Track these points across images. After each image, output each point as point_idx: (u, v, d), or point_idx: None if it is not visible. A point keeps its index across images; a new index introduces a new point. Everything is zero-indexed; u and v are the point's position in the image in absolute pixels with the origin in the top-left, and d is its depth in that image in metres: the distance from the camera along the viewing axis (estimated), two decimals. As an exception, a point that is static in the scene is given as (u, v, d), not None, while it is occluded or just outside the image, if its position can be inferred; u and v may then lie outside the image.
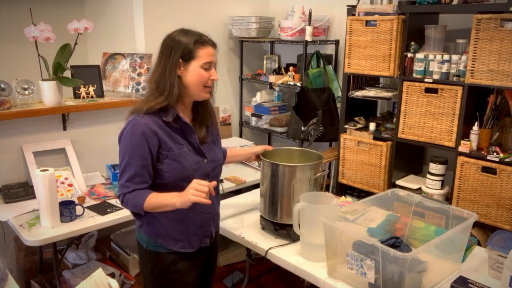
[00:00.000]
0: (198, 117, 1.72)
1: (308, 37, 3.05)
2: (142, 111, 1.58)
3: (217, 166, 1.77)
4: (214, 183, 1.58)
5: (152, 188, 1.64)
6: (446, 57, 2.33)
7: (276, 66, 3.52)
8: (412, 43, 2.47)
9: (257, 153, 2.02)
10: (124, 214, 2.34)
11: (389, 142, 2.61)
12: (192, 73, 1.59)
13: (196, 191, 1.52)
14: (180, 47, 1.58)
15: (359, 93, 2.75)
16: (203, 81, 1.61)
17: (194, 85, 1.61)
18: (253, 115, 3.51)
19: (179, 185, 1.61)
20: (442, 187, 2.49)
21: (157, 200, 1.57)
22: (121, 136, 1.61)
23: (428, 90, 2.41)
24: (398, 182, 2.64)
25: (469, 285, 1.55)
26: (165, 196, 1.57)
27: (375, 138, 2.68)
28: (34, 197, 2.39)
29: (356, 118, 2.89)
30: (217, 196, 1.79)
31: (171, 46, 1.60)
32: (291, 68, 3.27)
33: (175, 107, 1.61)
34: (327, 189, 3.02)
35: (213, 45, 1.64)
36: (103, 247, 2.87)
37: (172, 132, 1.62)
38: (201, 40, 1.60)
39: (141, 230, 1.72)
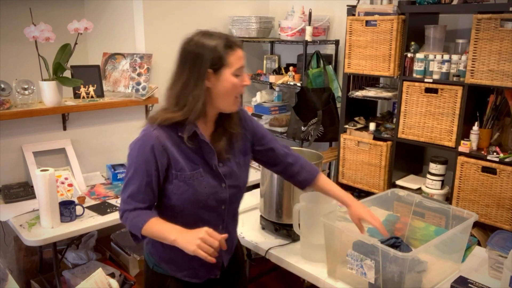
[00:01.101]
0: (220, 128, 1.49)
1: (308, 37, 3.05)
2: (156, 122, 1.39)
3: (238, 192, 1.54)
4: (225, 236, 1.34)
5: (158, 209, 1.48)
6: (446, 57, 2.33)
7: (276, 66, 3.52)
8: (412, 43, 2.47)
9: (355, 217, 1.64)
10: (124, 214, 2.35)
11: (389, 142, 2.61)
12: (224, 82, 1.37)
13: (205, 244, 1.30)
14: (208, 54, 1.34)
15: (359, 93, 2.75)
16: (236, 90, 1.40)
17: (226, 96, 1.39)
18: (253, 115, 3.51)
19: (188, 210, 1.44)
20: (442, 187, 2.49)
21: (158, 229, 1.38)
22: (131, 146, 1.43)
23: (428, 90, 2.41)
24: (398, 182, 2.64)
25: (469, 285, 1.55)
26: (167, 228, 1.38)
27: (375, 138, 2.68)
28: (34, 197, 2.39)
29: (356, 118, 2.89)
30: (234, 220, 1.62)
31: (195, 53, 1.36)
32: (291, 68, 3.27)
33: (195, 123, 1.40)
34: (327, 189, 3.02)
35: (242, 46, 1.41)
36: (103, 247, 2.87)
37: (188, 150, 1.42)
38: (230, 42, 1.37)
39: (147, 249, 1.57)
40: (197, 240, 1.29)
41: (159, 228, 1.39)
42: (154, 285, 1.57)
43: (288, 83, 3.18)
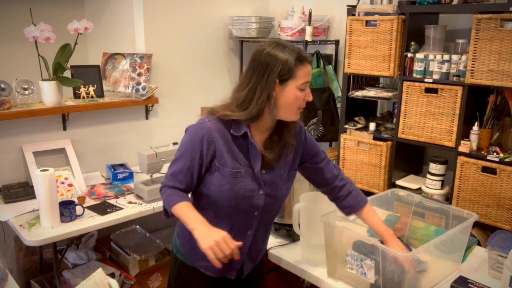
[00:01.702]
0: (275, 136, 1.53)
1: (308, 37, 3.05)
2: (216, 114, 1.46)
3: (274, 202, 1.57)
4: (239, 244, 1.36)
5: (195, 195, 1.56)
6: (446, 57, 2.33)
7: (276, 66, 3.51)
8: (412, 43, 2.47)
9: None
10: (124, 214, 2.35)
11: (389, 142, 2.61)
12: (288, 94, 1.42)
13: (217, 247, 1.33)
14: (279, 65, 1.39)
15: (359, 93, 2.75)
16: (298, 103, 1.44)
17: (288, 107, 1.44)
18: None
19: (221, 205, 1.49)
20: (442, 187, 2.49)
21: (184, 213, 1.45)
22: (186, 130, 1.51)
23: (428, 90, 2.41)
24: (398, 182, 2.64)
25: (469, 285, 1.55)
26: (192, 216, 1.44)
27: (375, 138, 2.68)
28: (34, 197, 2.39)
29: (356, 118, 2.89)
30: (265, 231, 1.64)
31: (266, 62, 1.40)
32: (291, 68, 3.26)
33: (248, 125, 1.47)
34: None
35: (311, 62, 1.47)
36: (103, 247, 2.87)
37: (236, 148, 1.47)
38: (301, 57, 1.41)
39: (177, 230, 1.65)
40: (211, 241, 1.33)
41: (186, 212, 1.46)
42: (175, 270, 1.66)
43: (288, 83, 3.18)
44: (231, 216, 1.52)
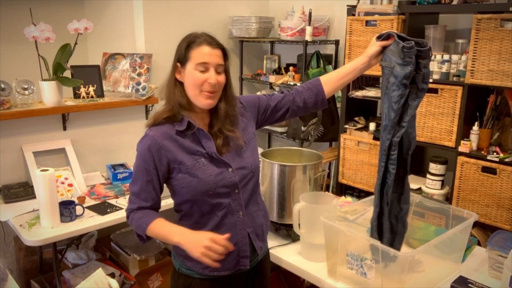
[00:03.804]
0: (213, 126, 1.53)
1: (308, 37, 3.05)
2: (151, 122, 1.49)
3: (248, 174, 1.54)
4: (228, 235, 1.38)
5: (177, 208, 1.54)
6: (446, 57, 2.33)
7: (276, 66, 3.52)
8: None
9: (374, 54, 1.59)
10: (124, 214, 2.33)
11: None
12: (188, 75, 1.45)
13: (209, 250, 1.33)
14: (178, 50, 1.49)
15: (359, 93, 2.75)
16: (197, 84, 1.44)
17: (191, 90, 1.46)
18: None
19: (201, 201, 1.48)
20: (442, 187, 2.49)
21: (161, 230, 1.45)
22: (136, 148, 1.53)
23: (428, 90, 2.38)
24: (398, 182, 2.64)
25: (469, 285, 1.55)
26: (171, 230, 1.44)
27: (375, 138, 2.68)
28: (34, 197, 2.39)
29: (356, 118, 2.89)
30: (256, 205, 1.60)
31: (176, 50, 1.51)
32: (291, 68, 3.27)
33: (184, 115, 1.48)
34: (327, 189, 3.02)
35: (211, 44, 1.46)
36: (103, 247, 2.87)
37: (186, 142, 1.47)
38: (196, 40, 1.46)
39: (174, 249, 1.58)
40: (201, 248, 1.34)
41: (163, 229, 1.46)
42: (179, 286, 1.57)
43: (288, 83, 3.18)
44: (216, 206, 1.50)
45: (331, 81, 1.67)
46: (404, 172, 1.56)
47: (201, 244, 1.34)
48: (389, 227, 1.59)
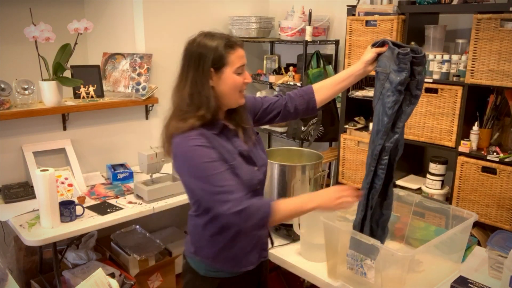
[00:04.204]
0: (233, 122, 1.52)
1: (308, 37, 3.05)
2: (185, 129, 1.39)
3: (265, 169, 1.58)
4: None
5: (206, 211, 1.46)
6: (446, 57, 2.33)
7: (276, 66, 3.52)
8: (412, 43, 2.46)
9: (369, 60, 1.59)
10: (124, 214, 2.35)
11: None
12: (226, 81, 1.41)
13: (344, 198, 1.40)
14: (210, 54, 1.39)
15: (359, 93, 2.75)
16: (238, 86, 1.43)
17: (230, 93, 1.43)
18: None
19: None
20: (442, 187, 2.49)
21: (291, 206, 1.40)
22: (181, 162, 1.41)
23: (428, 90, 2.41)
24: (398, 182, 2.64)
25: (469, 285, 1.55)
26: (298, 200, 1.42)
27: (375, 138, 2.68)
28: (34, 197, 2.39)
29: (356, 118, 2.89)
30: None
31: (199, 53, 1.40)
32: (291, 68, 3.27)
33: (220, 118, 1.46)
34: (327, 189, 3.02)
35: (242, 45, 1.46)
36: (103, 247, 2.87)
37: (223, 142, 1.44)
38: (230, 42, 1.42)
39: (196, 256, 1.55)
40: (336, 200, 1.40)
41: (292, 204, 1.41)
42: None
43: (288, 83, 3.18)
44: None
45: (324, 88, 1.70)
46: (389, 178, 1.57)
47: (334, 196, 1.40)
48: (369, 231, 1.61)
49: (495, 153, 2.22)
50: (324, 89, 1.69)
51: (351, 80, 1.66)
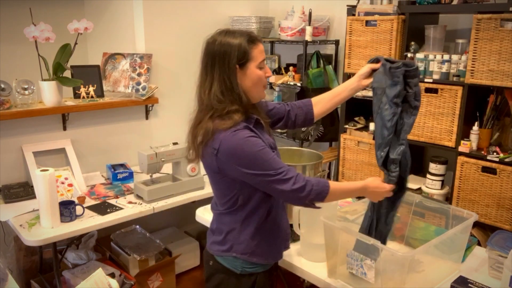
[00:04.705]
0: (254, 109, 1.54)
1: (308, 37, 3.05)
2: (231, 125, 1.40)
3: None
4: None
5: (245, 201, 1.49)
6: (446, 57, 2.33)
7: (276, 66, 3.52)
8: (412, 43, 2.47)
9: (363, 74, 1.64)
10: (124, 214, 2.35)
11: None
12: (251, 75, 1.45)
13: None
14: (234, 51, 1.41)
15: (359, 93, 2.75)
16: (261, 81, 1.47)
17: (255, 88, 1.46)
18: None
19: (268, 201, 1.51)
20: (442, 187, 2.49)
21: (343, 188, 1.49)
22: (231, 156, 1.40)
23: (428, 90, 2.41)
24: (398, 182, 2.64)
25: (469, 285, 1.55)
26: (351, 187, 1.52)
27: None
28: (34, 197, 2.39)
29: (356, 118, 2.89)
30: None
31: (223, 51, 1.42)
32: (291, 68, 3.27)
33: (253, 113, 1.49)
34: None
35: (261, 40, 1.50)
36: (103, 247, 2.87)
37: (260, 135, 1.46)
38: (252, 38, 1.45)
39: (231, 254, 1.54)
40: (379, 198, 1.54)
41: (345, 189, 1.51)
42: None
43: (288, 83, 3.18)
44: (268, 199, 1.53)
45: (323, 101, 1.74)
46: (400, 191, 1.59)
47: (381, 196, 1.52)
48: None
49: (495, 153, 2.22)
50: (322, 103, 1.74)
51: (346, 94, 1.70)
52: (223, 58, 1.42)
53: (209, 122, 1.44)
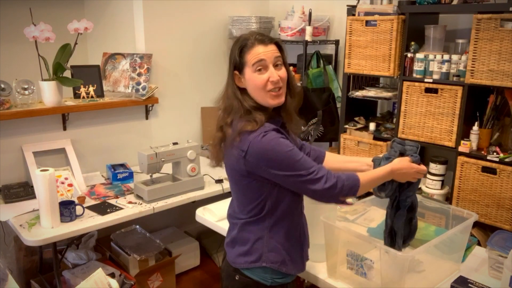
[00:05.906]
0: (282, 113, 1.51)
1: (308, 37, 3.05)
2: (258, 127, 1.39)
3: None
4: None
5: (275, 206, 1.46)
6: (446, 57, 2.33)
7: (276, 66, 3.51)
8: (412, 43, 2.47)
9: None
10: (124, 214, 2.35)
11: (389, 142, 2.61)
12: (250, 81, 1.43)
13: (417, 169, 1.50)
14: (232, 58, 1.45)
15: (359, 93, 2.75)
16: (260, 86, 1.41)
17: (256, 93, 1.43)
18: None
19: (296, 206, 1.51)
20: (442, 187, 2.49)
21: (374, 174, 1.47)
22: (260, 158, 1.37)
23: (428, 90, 2.41)
24: (398, 182, 2.64)
25: (469, 285, 1.55)
26: (380, 173, 1.47)
27: (375, 138, 2.68)
28: (34, 197, 2.39)
29: (356, 118, 2.89)
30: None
31: (229, 57, 1.48)
32: (291, 68, 3.26)
33: (279, 115, 1.48)
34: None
35: (263, 41, 1.42)
36: (103, 247, 2.87)
37: (290, 138, 1.47)
38: (247, 43, 1.42)
39: (260, 264, 1.47)
40: (413, 172, 1.50)
41: (375, 176, 1.48)
42: None
43: (288, 83, 3.18)
44: (300, 201, 1.55)
45: (335, 160, 1.73)
46: (413, 213, 1.64)
47: (410, 177, 1.51)
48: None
49: (495, 153, 2.22)
50: (334, 161, 1.72)
51: (356, 165, 1.67)
52: (229, 63, 1.47)
53: (233, 123, 1.44)
